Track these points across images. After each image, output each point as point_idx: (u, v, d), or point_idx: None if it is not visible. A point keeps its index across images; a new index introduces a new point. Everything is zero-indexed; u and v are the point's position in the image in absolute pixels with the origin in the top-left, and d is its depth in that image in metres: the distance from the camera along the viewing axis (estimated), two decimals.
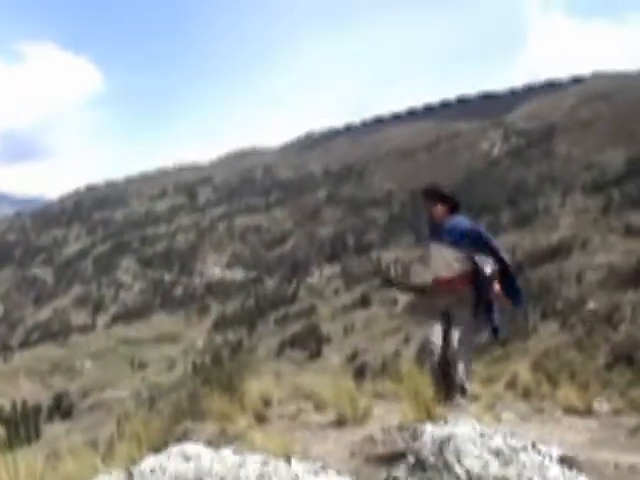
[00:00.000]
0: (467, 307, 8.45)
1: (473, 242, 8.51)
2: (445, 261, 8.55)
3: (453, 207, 8.70)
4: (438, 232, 8.63)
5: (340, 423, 7.38)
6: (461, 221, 8.68)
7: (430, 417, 5.79)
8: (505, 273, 8.66)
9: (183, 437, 7.70)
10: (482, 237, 8.60)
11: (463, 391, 8.53)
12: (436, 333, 8.57)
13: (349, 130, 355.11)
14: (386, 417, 7.34)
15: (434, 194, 8.74)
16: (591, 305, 72.64)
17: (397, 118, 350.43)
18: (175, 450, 4.11)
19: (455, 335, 8.38)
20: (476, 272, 8.54)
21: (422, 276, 9.01)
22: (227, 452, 4.07)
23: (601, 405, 10.00)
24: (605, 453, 6.94)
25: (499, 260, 8.58)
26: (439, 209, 8.63)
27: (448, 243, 8.52)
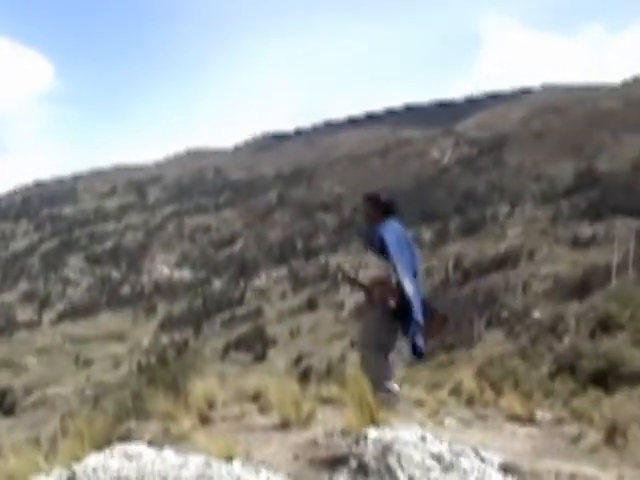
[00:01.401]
0: (376, 309, 8.45)
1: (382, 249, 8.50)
2: (375, 267, 8.57)
3: (388, 212, 8.67)
4: (368, 237, 8.66)
5: (284, 426, 7.36)
6: (382, 227, 8.66)
7: (373, 422, 5.79)
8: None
9: (126, 436, 7.65)
10: (386, 249, 8.54)
11: (385, 391, 8.49)
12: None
13: (301, 133, 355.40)
14: (330, 421, 7.33)
15: (372, 199, 8.75)
16: (536, 315, 73.23)
17: (350, 123, 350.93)
18: (118, 449, 4.09)
19: (360, 336, 8.44)
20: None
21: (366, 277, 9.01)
22: (169, 452, 4.06)
23: (543, 414, 10.08)
24: (546, 461, 7.00)
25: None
26: (371, 214, 8.64)
27: (375, 248, 8.55)
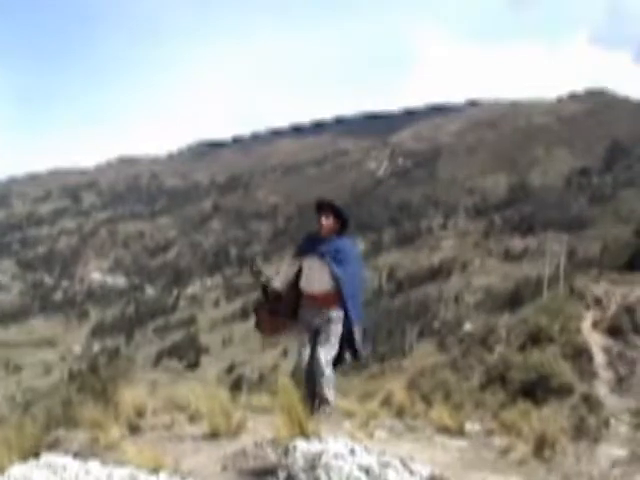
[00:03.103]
0: (336, 325, 8.41)
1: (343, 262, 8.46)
2: (320, 276, 8.48)
3: (343, 225, 8.64)
4: (321, 247, 8.54)
5: (214, 436, 7.29)
6: (343, 241, 8.62)
7: (303, 433, 5.76)
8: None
9: (55, 445, 7.54)
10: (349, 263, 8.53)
11: (327, 403, 8.49)
12: (306, 347, 8.51)
13: (238, 141, 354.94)
14: (260, 431, 7.29)
15: (328, 208, 8.66)
16: (467, 327, 73.84)
17: (287, 132, 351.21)
18: (42, 461, 4.02)
19: (322, 351, 8.33)
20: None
21: (279, 283, 8.93)
22: (94, 464, 3.99)
23: (473, 425, 10.12)
24: (474, 473, 7.03)
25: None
26: (330, 224, 8.55)
27: (329, 259, 8.45)
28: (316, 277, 8.49)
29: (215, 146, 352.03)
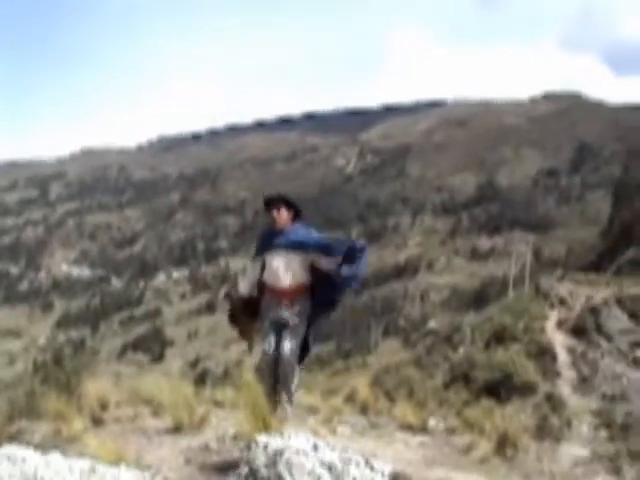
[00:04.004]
0: (303, 318, 8.41)
1: (311, 248, 8.46)
2: (286, 270, 8.47)
3: (296, 214, 8.63)
4: (280, 239, 8.54)
5: (177, 429, 7.27)
6: (300, 229, 8.61)
7: (266, 428, 5.75)
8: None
9: (17, 436, 7.49)
10: (317, 245, 8.53)
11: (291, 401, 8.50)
12: (270, 342, 8.49)
13: (207, 135, 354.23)
14: (223, 426, 7.28)
15: (278, 201, 8.66)
16: (432, 325, 74.06)
17: (257, 127, 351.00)
18: (2, 452, 3.98)
19: (288, 345, 8.31)
20: (319, 280, 8.53)
21: (246, 287, 8.91)
22: (55, 456, 3.96)
23: (436, 423, 10.15)
24: (437, 470, 7.06)
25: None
26: (283, 216, 8.55)
27: (290, 251, 8.45)
28: (281, 271, 8.48)
29: (185, 139, 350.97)
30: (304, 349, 8.68)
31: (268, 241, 8.61)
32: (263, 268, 8.68)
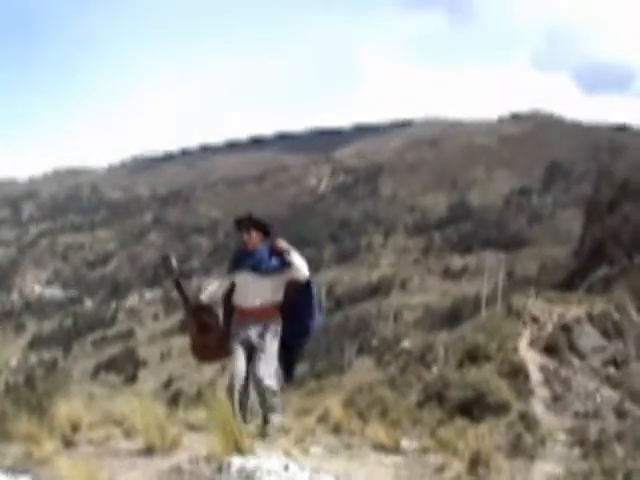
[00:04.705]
0: (273, 338, 8.41)
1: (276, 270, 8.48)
2: (256, 290, 8.49)
3: (266, 235, 8.65)
4: (250, 260, 8.55)
5: (149, 451, 7.21)
6: (263, 251, 8.61)
7: (238, 449, 5.71)
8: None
9: None
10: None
11: (278, 415, 8.49)
12: (240, 362, 8.48)
13: (180, 156, 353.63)
14: (196, 447, 7.22)
15: (247, 222, 8.69)
16: (406, 344, 74.13)
17: (228, 147, 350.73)
18: None
19: (262, 369, 8.30)
20: (292, 299, 8.57)
21: (205, 296, 8.94)
22: (26, 479, 3.93)
23: (409, 443, 10.13)
24: None
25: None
26: (253, 237, 8.57)
27: (267, 269, 8.46)
28: (250, 291, 8.50)
29: (157, 160, 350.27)
30: (288, 370, 8.72)
31: (238, 261, 8.66)
32: (233, 289, 8.71)
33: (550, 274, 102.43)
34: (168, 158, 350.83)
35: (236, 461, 4.54)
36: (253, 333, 8.41)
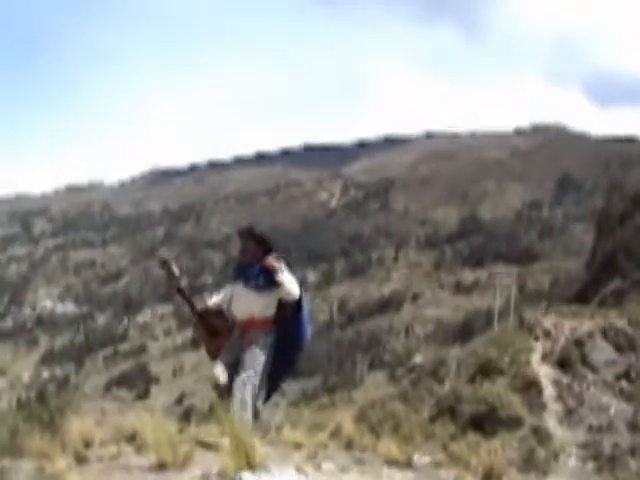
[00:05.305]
0: (259, 351, 8.44)
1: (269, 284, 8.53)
2: (245, 303, 8.56)
3: (267, 250, 8.66)
4: (247, 274, 8.62)
5: (160, 467, 7.21)
6: (254, 268, 8.65)
7: (250, 465, 5.71)
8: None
9: (0, 475, 7.43)
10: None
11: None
12: (222, 369, 8.57)
13: (191, 170, 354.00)
14: (208, 463, 7.22)
15: (248, 235, 8.75)
16: (417, 359, 73.97)
17: (240, 162, 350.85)
18: None
19: (242, 377, 8.38)
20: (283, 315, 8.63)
21: (212, 302, 9.07)
22: None
23: (421, 458, 10.10)
24: None
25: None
26: (251, 250, 8.62)
27: (256, 285, 8.52)
28: (239, 304, 8.60)
29: (168, 175, 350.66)
30: (273, 383, 8.77)
31: (238, 273, 8.78)
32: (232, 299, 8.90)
33: (562, 288, 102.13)
34: (180, 173, 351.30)
35: (248, 477, 4.54)
36: (238, 344, 8.52)
